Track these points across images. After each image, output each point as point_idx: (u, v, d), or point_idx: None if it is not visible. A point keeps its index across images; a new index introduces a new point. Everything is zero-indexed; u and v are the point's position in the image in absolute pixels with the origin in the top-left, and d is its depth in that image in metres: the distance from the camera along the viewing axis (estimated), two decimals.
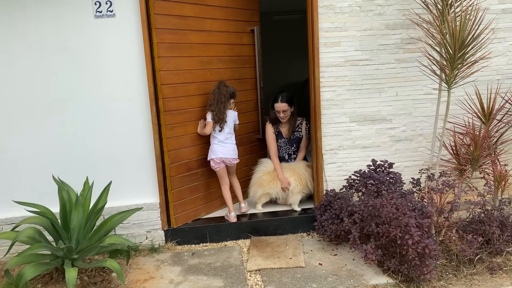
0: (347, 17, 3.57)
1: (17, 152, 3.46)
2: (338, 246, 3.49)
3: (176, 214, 3.68)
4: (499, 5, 3.63)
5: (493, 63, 3.68)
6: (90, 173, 3.41)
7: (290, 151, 4.23)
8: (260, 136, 4.39)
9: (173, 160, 3.63)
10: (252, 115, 4.34)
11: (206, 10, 3.79)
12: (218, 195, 4.02)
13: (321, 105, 3.66)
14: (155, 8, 3.37)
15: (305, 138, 4.24)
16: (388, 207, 2.98)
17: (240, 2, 4.09)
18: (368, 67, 3.65)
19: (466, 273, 3.01)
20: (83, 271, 3.06)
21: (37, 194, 3.42)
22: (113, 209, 3.50)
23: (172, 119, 3.60)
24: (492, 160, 3.35)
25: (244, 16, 4.14)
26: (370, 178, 3.44)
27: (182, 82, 3.67)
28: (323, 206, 3.59)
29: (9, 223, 3.50)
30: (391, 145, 3.79)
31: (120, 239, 3.09)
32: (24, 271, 2.63)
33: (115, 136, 3.53)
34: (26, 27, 3.31)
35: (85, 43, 3.38)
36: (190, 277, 3.14)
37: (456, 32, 3.00)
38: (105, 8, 3.33)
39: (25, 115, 3.43)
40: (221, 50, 3.96)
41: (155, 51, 3.41)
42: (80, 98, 3.45)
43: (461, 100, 3.68)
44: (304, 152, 4.26)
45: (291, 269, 3.16)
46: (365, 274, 3.05)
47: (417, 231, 2.83)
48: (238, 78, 4.12)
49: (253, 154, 4.35)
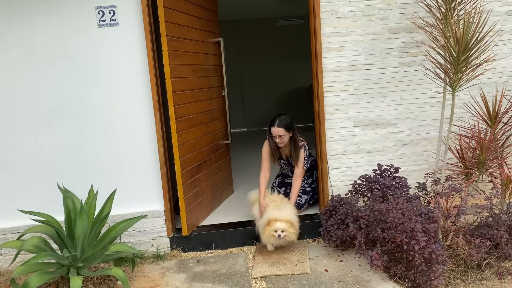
0: (349, 22, 3.57)
1: (21, 161, 3.49)
2: (344, 252, 3.46)
3: (188, 221, 3.68)
4: (503, 7, 3.61)
5: (498, 65, 3.65)
6: (95, 181, 3.43)
7: (292, 169, 4.06)
8: (229, 141, 4.64)
9: (183, 167, 3.65)
10: (220, 122, 4.50)
11: (192, 20, 3.90)
12: (209, 200, 4.13)
13: (325, 110, 3.65)
14: (166, 16, 3.41)
15: (302, 168, 3.80)
16: (394, 212, 2.95)
17: (209, 15, 4.32)
18: (371, 71, 3.64)
19: (474, 278, 2.97)
20: (89, 279, 3.06)
21: (42, 203, 3.43)
22: (118, 216, 3.51)
23: (180, 126, 3.62)
24: (499, 163, 3.32)
25: (212, 27, 4.37)
26: (376, 182, 3.42)
27: (184, 89, 3.70)
28: (328, 211, 3.57)
29: (15, 232, 3.52)
30: (396, 150, 3.77)
31: (125, 247, 3.08)
32: (29, 280, 2.63)
33: (119, 144, 3.54)
34: (30, 36, 3.34)
35: (89, 51, 3.40)
36: (195, 284, 3.13)
37: (460, 35, 2.98)
38: (109, 17, 3.36)
39: (30, 124, 3.45)
40: (202, 59, 4.08)
41: (165, 58, 3.43)
42: (84, 106, 3.47)
43: (466, 103, 3.66)
44: (299, 182, 3.81)
45: (296, 275, 3.14)
46: (371, 280, 3.02)
47: (423, 236, 2.80)
48: (212, 86, 4.30)
49: (221, 160, 4.52)
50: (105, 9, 3.35)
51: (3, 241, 3.51)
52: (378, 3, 3.55)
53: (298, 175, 3.83)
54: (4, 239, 3.52)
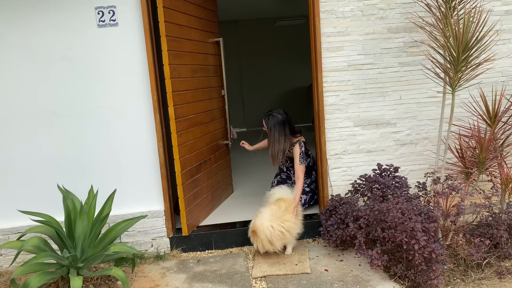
0: (349, 22, 3.57)
1: (21, 161, 3.48)
2: (344, 252, 3.46)
3: (188, 221, 3.68)
4: (502, 7, 3.61)
5: (498, 64, 3.65)
6: (95, 181, 3.43)
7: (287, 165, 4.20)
8: (229, 141, 4.62)
9: (183, 167, 3.65)
10: (220, 122, 4.49)
11: (191, 20, 3.90)
12: (208, 200, 4.12)
13: (324, 110, 3.65)
14: (165, 16, 3.40)
15: (298, 164, 3.75)
16: (393, 211, 2.95)
17: (209, 15, 4.32)
18: (371, 71, 3.64)
19: (474, 277, 2.97)
20: (89, 279, 3.06)
21: (42, 203, 3.44)
22: (118, 217, 3.51)
23: (180, 126, 3.62)
24: (498, 163, 3.32)
25: (211, 27, 4.37)
26: (376, 182, 3.42)
27: (184, 89, 3.70)
28: (328, 211, 3.57)
29: (15, 233, 3.51)
30: (396, 149, 3.77)
31: (125, 247, 3.08)
32: (30, 280, 2.63)
33: (119, 144, 3.54)
34: (29, 35, 3.34)
35: (89, 52, 3.40)
36: (195, 284, 3.13)
37: (460, 34, 2.98)
38: (108, 17, 3.36)
39: (30, 124, 3.45)
40: (201, 59, 4.07)
41: (165, 59, 3.43)
42: (84, 106, 3.47)
43: (466, 102, 3.66)
44: (301, 181, 3.69)
45: (296, 275, 3.14)
46: (371, 280, 3.02)
47: (423, 236, 2.80)
48: (211, 86, 4.30)
49: (221, 160, 4.51)
50: (105, 9, 3.35)
51: (3, 241, 3.51)
52: (377, 2, 3.55)
53: (299, 171, 3.73)
54: (4, 239, 3.52)
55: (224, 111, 4.58)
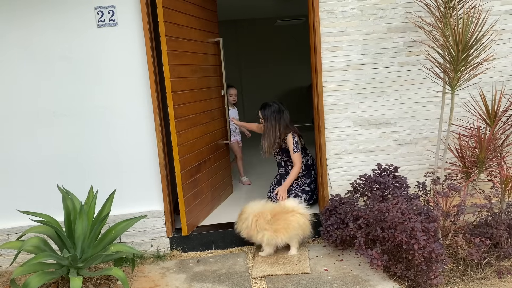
0: (348, 22, 3.57)
1: (21, 161, 3.49)
2: (344, 252, 3.46)
3: (187, 221, 3.68)
4: (502, 6, 3.61)
5: (497, 64, 3.65)
6: (94, 181, 3.44)
7: (283, 158, 4.22)
8: (229, 141, 4.66)
9: (183, 167, 3.65)
10: (220, 122, 4.51)
11: (191, 20, 3.91)
12: (208, 200, 4.13)
13: (324, 109, 3.65)
14: (165, 16, 3.40)
15: (293, 153, 3.98)
16: (393, 211, 2.95)
17: (209, 15, 4.33)
18: (371, 71, 3.64)
19: (474, 277, 2.97)
20: (89, 279, 3.06)
21: (42, 203, 3.44)
22: (117, 217, 3.51)
23: (180, 126, 3.62)
24: (498, 163, 3.32)
25: (211, 27, 4.38)
26: (375, 182, 3.42)
27: (184, 89, 3.70)
28: (328, 211, 3.57)
29: (15, 233, 3.52)
30: (396, 149, 3.77)
31: (125, 247, 3.08)
32: (29, 281, 2.63)
33: (119, 145, 3.54)
34: (29, 35, 3.34)
35: (89, 52, 3.40)
36: (195, 284, 3.13)
37: (459, 34, 2.98)
38: (108, 17, 3.36)
39: (30, 124, 3.45)
40: (201, 59, 4.08)
41: (165, 59, 3.43)
42: (83, 106, 3.47)
43: (466, 102, 3.66)
44: (298, 167, 3.95)
45: (296, 275, 3.14)
46: (371, 280, 3.02)
47: (423, 236, 2.80)
48: (211, 86, 4.31)
49: (221, 160, 4.52)
50: (104, 9, 3.35)
51: (3, 241, 3.51)
52: (377, 2, 3.55)
53: (295, 159, 3.99)
54: (4, 239, 3.52)
55: (224, 111, 4.58)
